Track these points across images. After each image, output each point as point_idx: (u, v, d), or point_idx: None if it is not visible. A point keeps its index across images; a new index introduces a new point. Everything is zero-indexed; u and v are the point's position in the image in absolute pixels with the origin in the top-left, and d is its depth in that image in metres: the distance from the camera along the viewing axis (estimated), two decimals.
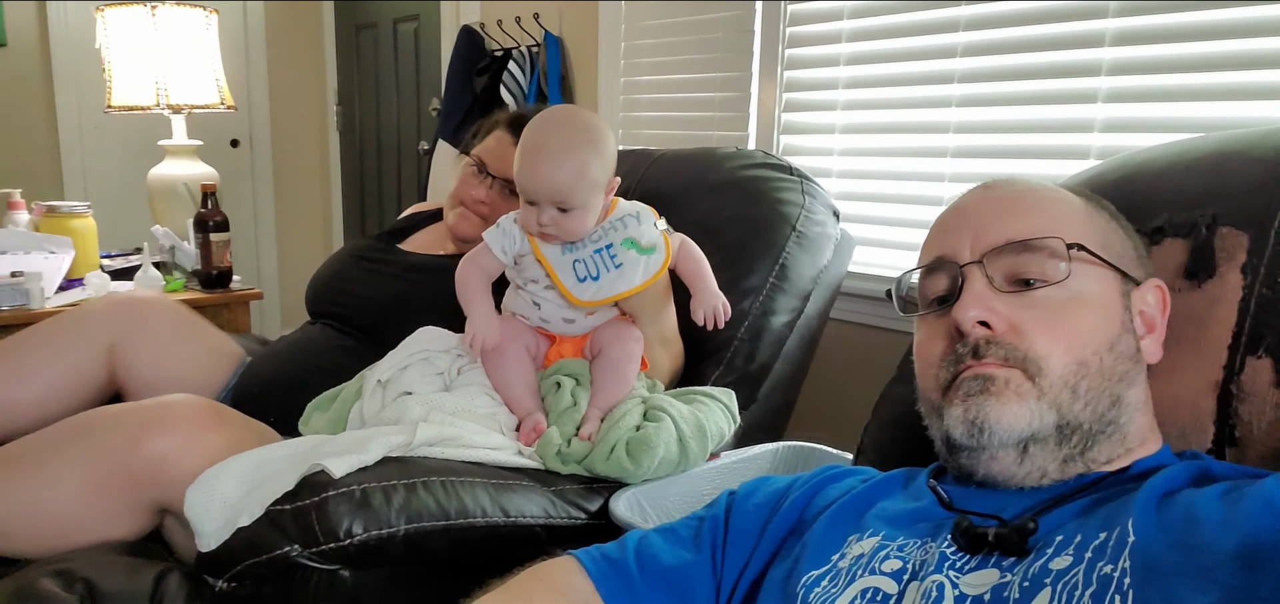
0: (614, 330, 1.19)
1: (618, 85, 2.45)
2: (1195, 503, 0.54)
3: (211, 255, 2.05)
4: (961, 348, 0.65)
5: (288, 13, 4.14)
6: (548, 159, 1.07)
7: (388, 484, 0.95)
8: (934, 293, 0.70)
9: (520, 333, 1.19)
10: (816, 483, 0.76)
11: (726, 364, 1.33)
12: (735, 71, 2.08)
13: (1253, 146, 0.79)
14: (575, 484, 1.10)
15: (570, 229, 1.11)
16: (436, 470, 1.00)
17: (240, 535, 0.94)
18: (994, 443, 0.62)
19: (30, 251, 2.00)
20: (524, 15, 2.71)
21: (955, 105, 1.65)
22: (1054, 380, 0.62)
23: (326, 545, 0.91)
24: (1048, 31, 1.51)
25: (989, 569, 0.57)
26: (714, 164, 1.54)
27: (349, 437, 1.04)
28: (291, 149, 4.28)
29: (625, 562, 0.74)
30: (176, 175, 2.33)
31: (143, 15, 2.19)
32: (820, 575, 0.64)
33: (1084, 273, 0.65)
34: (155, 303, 1.43)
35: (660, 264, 1.12)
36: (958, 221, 0.70)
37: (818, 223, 1.42)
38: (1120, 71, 1.43)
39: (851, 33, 1.82)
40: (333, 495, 0.92)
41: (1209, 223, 0.75)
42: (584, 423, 1.12)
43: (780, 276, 1.36)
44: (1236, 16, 1.30)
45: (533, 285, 1.17)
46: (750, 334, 1.34)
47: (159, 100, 2.25)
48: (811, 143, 1.95)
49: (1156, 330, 0.69)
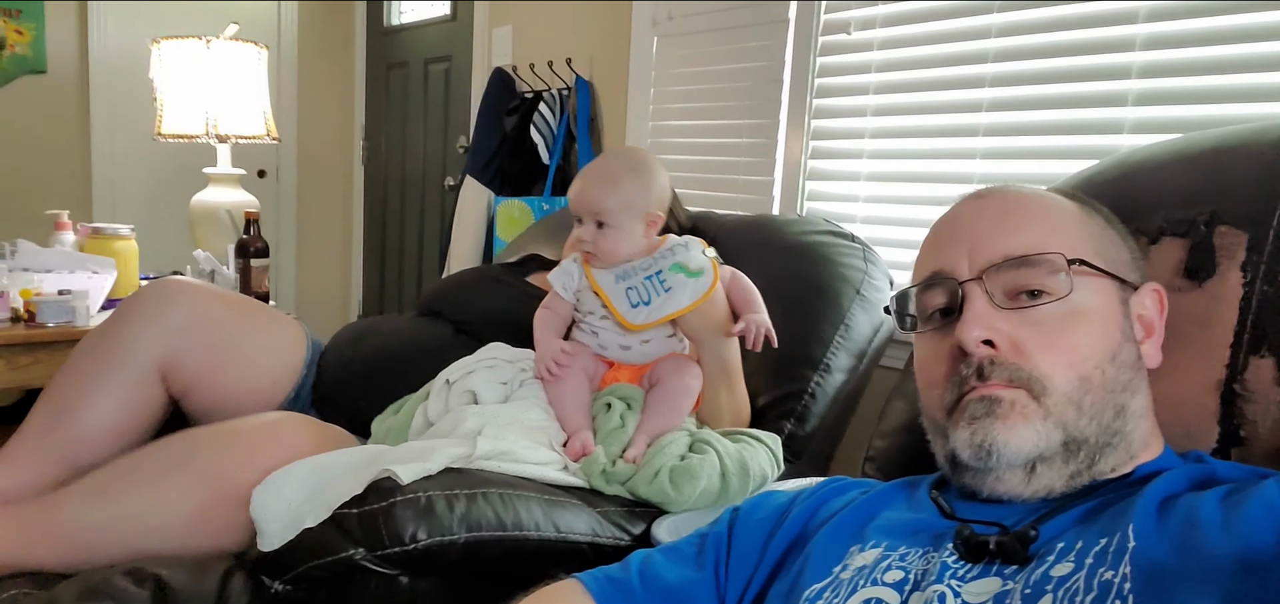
0: (674, 363, 1.24)
1: (646, 129, 2.52)
2: (1196, 507, 0.54)
3: (252, 280, 2.11)
4: (965, 368, 0.64)
5: (320, 49, 4.25)
6: (593, 177, 1.22)
7: (451, 493, 0.99)
8: (933, 307, 0.69)
9: (581, 354, 1.25)
10: (819, 496, 0.76)
11: (794, 416, 1.35)
12: (763, 119, 2.15)
13: (1250, 143, 0.77)
14: (619, 506, 1.14)
15: (607, 249, 1.20)
16: (494, 482, 1.04)
17: (305, 537, 0.97)
18: (1001, 465, 0.62)
19: (75, 271, 2.06)
20: (556, 59, 2.80)
21: (980, 158, 1.70)
22: (1059, 399, 0.62)
23: (391, 549, 0.95)
24: (1072, 72, 1.53)
25: (991, 578, 0.57)
26: (778, 230, 1.59)
27: (413, 446, 1.08)
28: (316, 180, 4.37)
29: (629, 581, 0.74)
30: (219, 202, 2.40)
31: (197, 48, 2.27)
32: (822, 588, 0.64)
33: (1083, 285, 0.64)
34: (200, 310, 1.32)
35: (708, 285, 1.18)
36: (953, 234, 0.69)
37: (877, 288, 1.48)
38: (1146, 103, 1.43)
39: (879, 86, 1.88)
40: (400, 501, 0.96)
41: (1207, 221, 0.74)
42: (631, 445, 1.16)
43: (845, 335, 1.41)
44: (1266, 20, 1.30)
45: (591, 317, 1.24)
46: (815, 389, 1.37)
47: (207, 130, 2.33)
48: (837, 189, 2.00)
49: (1155, 334, 0.68)
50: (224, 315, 1.34)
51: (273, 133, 2.46)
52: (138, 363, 1.27)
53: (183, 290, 1.33)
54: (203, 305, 1.33)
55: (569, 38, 2.80)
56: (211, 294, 1.36)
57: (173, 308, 1.30)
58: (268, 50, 2.47)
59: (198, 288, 1.36)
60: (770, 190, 2.14)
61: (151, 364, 1.28)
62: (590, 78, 2.73)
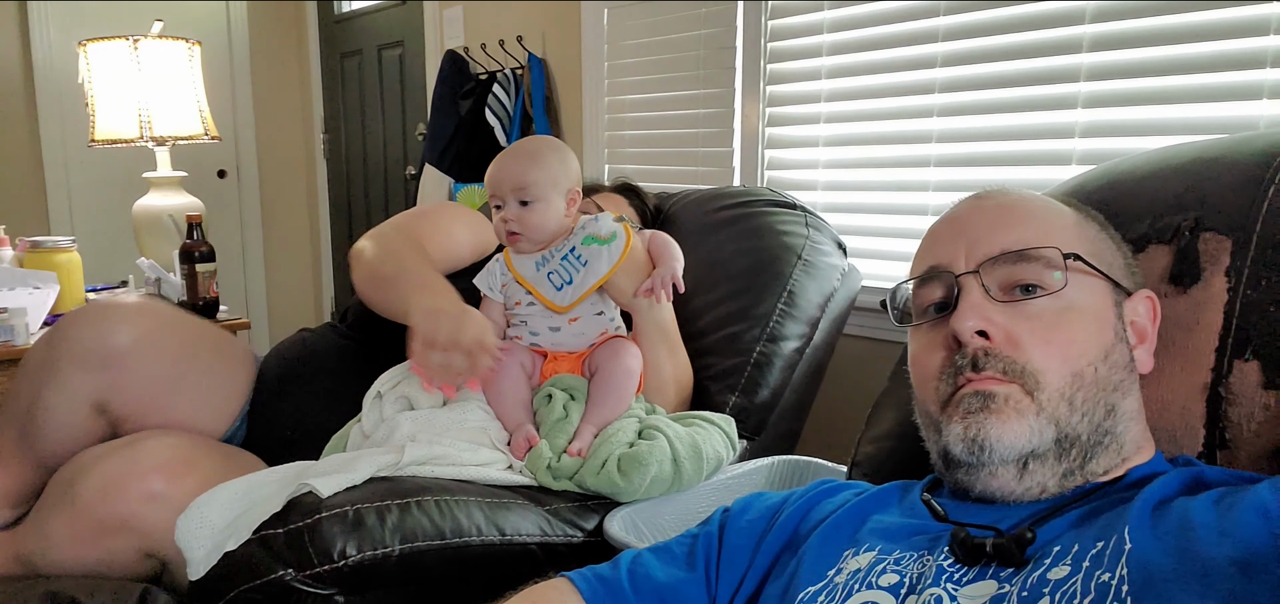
0: (611, 348, 1.21)
1: (602, 104, 2.46)
2: (1190, 510, 0.54)
3: (198, 286, 2.04)
4: (960, 359, 0.65)
5: (272, 42, 4.15)
6: (512, 156, 1.21)
7: (381, 504, 0.95)
8: (929, 301, 0.70)
9: (515, 351, 1.22)
10: (811, 498, 0.76)
11: (740, 390, 1.32)
12: (718, 88, 2.10)
13: (1233, 151, 0.80)
14: (569, 502, 1.10)
15: (533, 224, 1.18)
16: (430, 489, 1.00)
17: (232, 561, 0.93)
18: (994, 460, 0.62)
19: (14, 288, 1.99)
20: (507, 38, 2.72)
21: (937, 115, 1.67)
22: (1052, 394, 0.62)
23: (321, 568, 0.90)
24: (1026, 39, 1.53)
25: (987, 581, 0.57)
26: (718, 205, 1.56)
27: (336, 459, 1.03)
28: (278, 178, 4.28)
29: (619, 581, 0.73)
30: (161, 207, 2.32)
31: (124, 49, 2.19)
32: (817, 591, 0.64)
33: (1078, 283, 0.65)
34: (135, 338, 1.20)
35: (622, 246, 1.20)
36: (951, 231, 0.70)
37: (824, 253, 1.45)
38: (1098, 76, 1.45)
39: (832, 46, 1.84)
40: (325, 517, 0.91)
41: (1192, 227, 0.76)
42: (575, 437, 1.12)
43: (789, 302, 1.38)
44: (1211, 19, 1.32)
45: (518, 309, 1.23)
46: (761, 359, 1.34)
47: (142, 132, 2.25)
48: (796, 156, 1.96)
49: (1148, 340, 0.69)
50: (162, 344, 1.23)
51: (212, 131, 2.38)
52: (72, 391, 1.19)
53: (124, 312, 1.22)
54: (140, 337, 1.21)
55: (519, 15, 2.73)
56: (153, 315, 1.25)
57: (108, 334, 1.19)
58: (199, 47, 2.39)
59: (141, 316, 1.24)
60: (730, 161, 2.10)
61: (85, 396, 1.19)
62: (543, 55, 2.66)
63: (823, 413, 1.69)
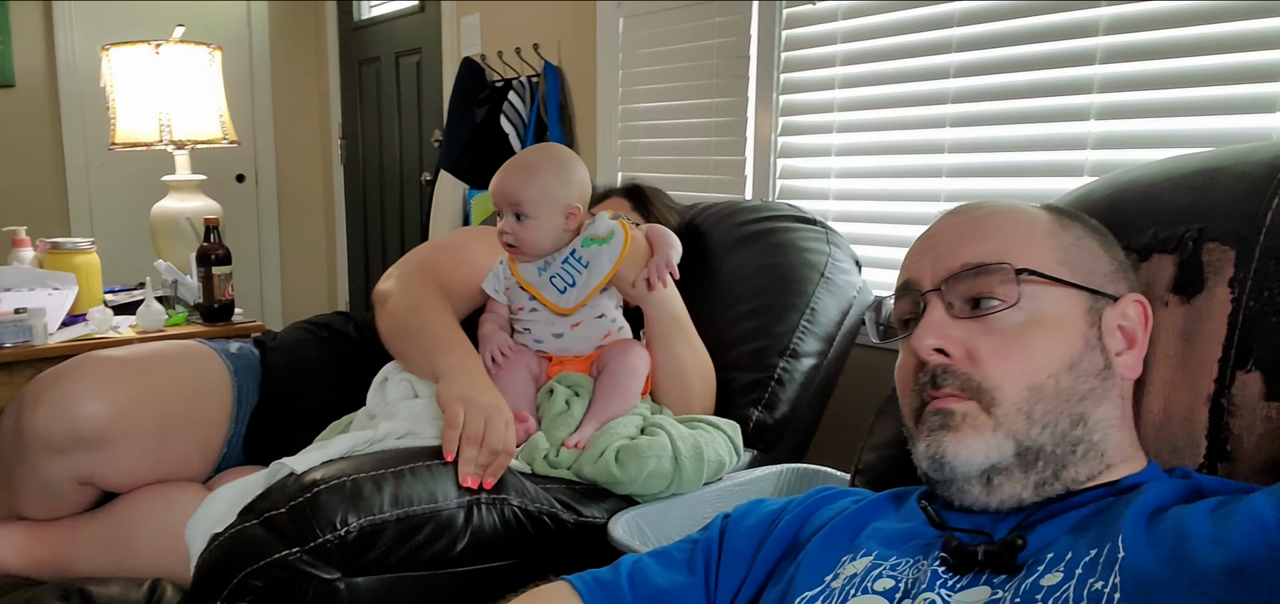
0: (618, 348, 1.22)
1: (616, 112, 2.47)
2: (1185, 519, 0.54)
3: (214, 289, 2.06)
4: (923, 376, 0.66)
5: (292, 48, 4.20)
6: (512, 168, 1.20)
7: (376, 474, 0.97)
8: (900, 317, 0.71)
9: (523, 354, 1.23)
10: (810, 504, 0.76)
11: (763, 405, 1.33)
12: (732, 97, 2.10)
13: (1238, 162, 0.79)
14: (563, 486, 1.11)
15: (527, 239, 1.19)
16: (420, 456, 1.01)
17: (236, 544, 0.95)
18: (957, 476, 0.63)
19: (34, 288, 2.02)
20: (524, 46, 2.74)
21: (949, 126, 1.66)
22: (1009, 409, 0.62)
23: (324, 537, 0.92)
24: (1040, 50, 1.52)
25: (980, 587, 0.57)
26: (742, 219, 1.56)
27: (315, 444, 1.06)
28: (296, 183, 4.32)
29: (618, 584, 0.74)
30: (180, 210, 2.35)
31: (146, 54, 2.22)
32: (814, 596, 0.64)
33: (1040, 294, 0.65)
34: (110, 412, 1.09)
35: (621, 243, 1.20)
36: (923, 246, 0.71)
37: (843, 270, 1.46)
38: (1112, 88, 1.44)
39: (846, 56, 1.84)
40: (324, 489, 0.94)
41: (1196, 238, 0.76)
42: (577, 430, 1.13)
43: (811, 319, 1.39)
44: (1225, 31, 1.31)
45: (522, 313, 1.23)
46: (783, 375, 1.35)
47: (162, 136, 2.28)
48: (808, 165, 1.96)
49: (1137, 345, 0.68)
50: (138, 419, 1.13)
51: (231, 135, 2.41)
52: (55, 474, 1.12)
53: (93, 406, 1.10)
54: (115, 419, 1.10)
55: (536, 23, 2.74)
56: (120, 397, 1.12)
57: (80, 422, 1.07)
58: (220, 52, 2.42)
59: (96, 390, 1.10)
60: (742, 170, 2.10)
61: (69, 478, 1.13)
62: (559, 63, 2.68)
63: (830, 421, 1.69)
